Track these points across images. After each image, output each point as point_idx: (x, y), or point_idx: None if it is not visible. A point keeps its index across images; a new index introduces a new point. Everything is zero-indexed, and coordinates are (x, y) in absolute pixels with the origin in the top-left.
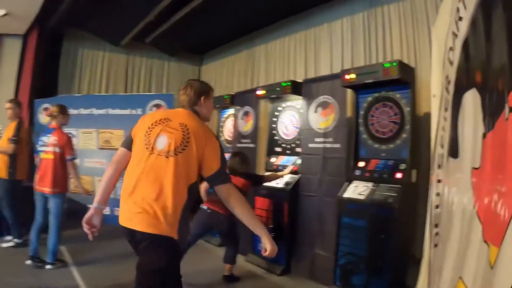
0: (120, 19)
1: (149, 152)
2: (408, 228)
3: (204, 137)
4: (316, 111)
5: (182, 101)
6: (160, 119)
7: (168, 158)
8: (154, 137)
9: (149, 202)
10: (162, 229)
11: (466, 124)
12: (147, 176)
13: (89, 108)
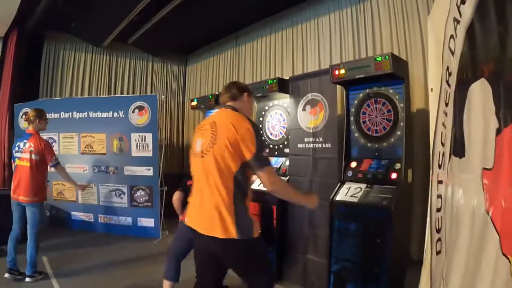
0: (101, 19)
1: (193, 155)
2: (405, 230)
3: (234, 125)
4: (305, 110)
5: (224, 98)
6: (199, 127)
7: (203, 157)
8: (194, 142)
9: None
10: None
11: (474, 119)
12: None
13: (69, 112)
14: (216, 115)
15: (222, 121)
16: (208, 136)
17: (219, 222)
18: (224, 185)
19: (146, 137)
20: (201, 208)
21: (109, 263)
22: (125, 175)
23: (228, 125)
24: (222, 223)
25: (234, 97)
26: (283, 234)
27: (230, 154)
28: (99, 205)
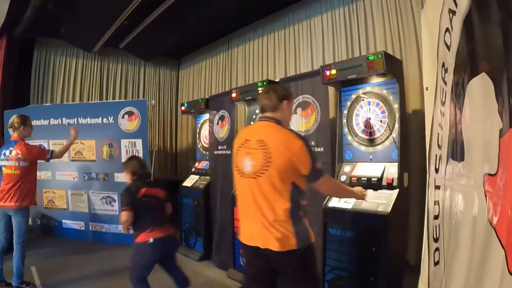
0: (90, 24)
1: (240, 175)
2: (401, 236)
3: (286, 145)
4: (296, 112)
5: (264, 106)
6: (242, 142)
7: (256, 178)
8: (240, 161)
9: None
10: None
11: (474, 119)
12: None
13: (59, 118)
14: (261, 131)
15: (272, 140)
16: (260, 157)
17: (279, 236)
18: (280, 203)
19: (136, 143)
20: (257, 225)
21: (98, 273)
22: (116, 182)
23: (280, 146)
24: (282, 237)
25: (274, 107)
26: None
27: (287, 174)
28: (90, 213)
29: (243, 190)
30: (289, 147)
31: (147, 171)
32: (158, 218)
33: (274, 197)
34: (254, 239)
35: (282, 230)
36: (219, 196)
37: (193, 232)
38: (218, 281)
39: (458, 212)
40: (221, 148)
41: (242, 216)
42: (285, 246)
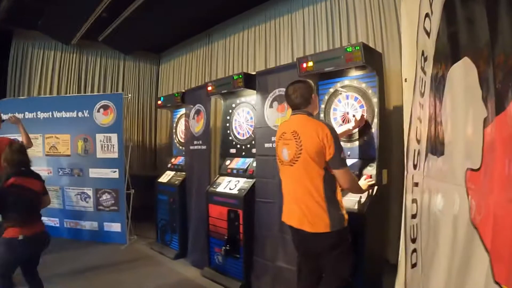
0: (68, 15)
1: (281, 164)
2: (380, 234)
3: (315, 133)
4: (272, 106)
5: (295, 104)
6: (280, 135)
7: (293, 166)
8: (280, 152)
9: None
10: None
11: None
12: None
13: (34, 112)
14: (295, 123)
15: (303, 130)
16: (293, 146)
17: (312, 218)
18: (315, 187)
19: (112, 137)
20: (294, 207)
21: (70, 272)
22: (91, 178)
23: (311, 133)
24: (314, 219)
25: (306, 102)
26: (250, 240)
27: (316, 160)
28: (64, 209)
29: (284, 176)
30: (318, 133)
31: (23, 159)
32: (28, 213)
33: (309, 182)
34: (291, 219)
35: (316, 213)
36: (194, 192)
37: (169, 229)
38: (193, 280)
39: (437, 211)
40: (197, 143)
41: (284, 199)
42: (318, 228)
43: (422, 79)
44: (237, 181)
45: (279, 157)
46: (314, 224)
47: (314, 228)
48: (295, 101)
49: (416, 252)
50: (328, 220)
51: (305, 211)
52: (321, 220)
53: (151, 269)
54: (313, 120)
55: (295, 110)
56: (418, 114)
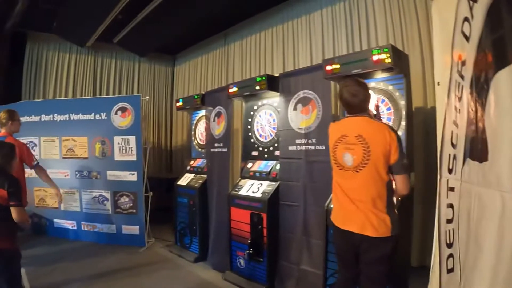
0: (83, 18)
1: (340, 169)
2: (406, 238)
3: (382, 136)
4: (296, 109)
5: (356, 108)
6: (339, 138)
7: (358, 172)
8: (340, 156)
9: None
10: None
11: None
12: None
13: (50, 114)
14: (358, 126)
15: (369, 133)
16: (360, 151)
17: (376, 222)
18: (379, 192)
19: (130, 140)
20: (360, 213)
21: (89, 276)
22: (108, 181)
23: (378, 138)
24: (379, 223)
25: (365, 103)
26: (274, 243)
27: (383, 165)
28: (82, 212)
29: (343, 181)
30: (386, 137)
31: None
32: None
33: (374, 187)
34: (349, 224)
35: (381, 217)
36: (215, 195)
37: (188, 232)
38: (214, 283)
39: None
40: (218, 145)
41: (340, 203)
42: (382, 232)
43: (459, 84)
44: (260, 184)
45: (338, 161)
46: (379, 229)
47: (379, 233)
48: (356, 106)
49: (453, 257)
50: (390, 224)
51: (369, 215)
52: (385, 224)
53: (171, 272)
54: (377, 123)
55: (354, 113)
56: (453, 118)
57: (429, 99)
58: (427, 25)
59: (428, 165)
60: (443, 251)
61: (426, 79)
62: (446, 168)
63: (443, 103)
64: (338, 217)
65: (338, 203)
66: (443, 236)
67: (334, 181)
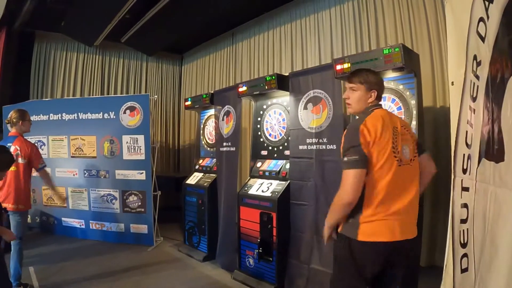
0: (91, 17)
1: (399, 164)
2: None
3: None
4: (306, 108)
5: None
6: (393, 130)
7: (411, 165)
8: (401, 149)
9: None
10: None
11: None
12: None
13: (59, 113)
14: (394, 118)
15: (400, 124)
16: (411, 143)
17: (416, 223)
18: (417, 187)
19: (138, 139)
20: (411, 215)
21: (98, 274)
22: (117, 180)
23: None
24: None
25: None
26: (284, 242)
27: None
28: (90, 211)
29: (397, 177)
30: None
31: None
32: None
33: (417, 181)
34: (406, 231)
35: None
36: (224, 194)
37: (197, 231)
38: (222, 282)
39: (496, 218)
40: (226, 144)
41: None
42: (416, 231)
43: (474, 84)
44: (270, 184)
45: (399, 155)
46: (415, 228)
47: (416, 232)
48: (383, 89)
49: (467, 257)
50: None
51: (414, 215)
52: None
53: (180, 271)
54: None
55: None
56: (468, 118)
57: (438, 99)
58: (436, 23)
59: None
60: (457, 251)
61: (435, 78)
62: (460, 168)
63: (457, 103)
64: (388, 230)
65: (383, 208)
66: (457, 236)
67: (383, 185)
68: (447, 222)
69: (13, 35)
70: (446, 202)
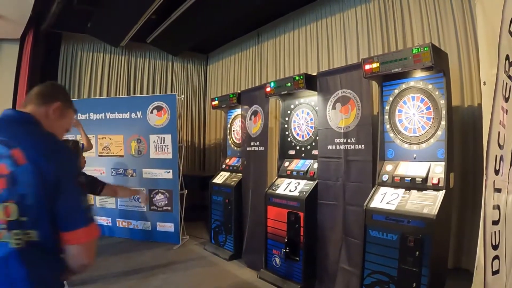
0: (117, 18)
1: None
2: (445, 240)
3: None
4: (335, 108)
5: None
6: None
7: None
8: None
9: None
10: None
11: None
12: None
13: (86, 113)
14: None
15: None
16: None
17: None
18: None
19: (165, 138)
20: None
21: (125, 272)
22: (144, 178)
23: None
24: None
25: None
26: (311, 242)
27: None
28: (117, 209)
29: None
30: None
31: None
32: None
33: None
34: None
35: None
36: (251, 193)
37: (223, 230)
38: (249, 281)
39: None
40: (254, 144)
41: None
42: None
43: (507, 84)
44: (297, 183)
45: None
46: None
47: None
48: None
49: (498, 259)
50: None
51: None
52: None
53: (207, 270)
54: None
55: None
56: (500, 118)
57: (466, 98)
58: (464, 22)
59: (465, 165)
60: (488, 252)
61: (463, 78)
62: (492, 169)
63: (490, 103)
64: None
65: None
66: (489, 237)
67: None
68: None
69: (40, 36)
70: (473, 203)
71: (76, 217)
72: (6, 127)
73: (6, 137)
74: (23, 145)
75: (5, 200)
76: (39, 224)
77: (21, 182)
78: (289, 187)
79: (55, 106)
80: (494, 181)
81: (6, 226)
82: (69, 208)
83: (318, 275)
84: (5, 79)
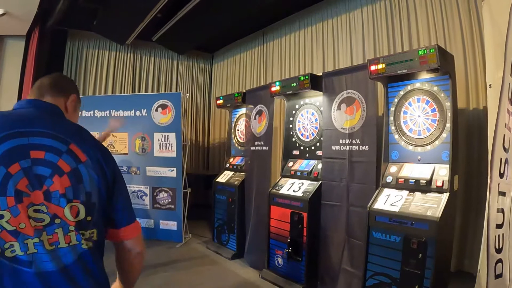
0: (123, 16)
1: None
2: (448, 242)
3: None
4: (340, 108)
5: None
6: None
7: None
8: None
9: None
10: None
11: None
12: None
13: (91, 110)
14: None
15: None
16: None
17: None
18: None
19: (170, 136)
20: None
21: None
22: (148, 176)
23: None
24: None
25: None
26: (314, 242)
27: None
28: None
29: None
30: None
31: None
32: None
33: None
34: None
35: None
36: (254, 193)
37: (226, 229)
38: (251, 280)
39: None
40: (258, 143)
41: None
42: None
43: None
44: (301, 183)
45: None
46: None
47: None
48: None
49: (502, 262)
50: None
51: None
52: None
53: (209, 269)
54: None
55: None
56: (506, 121)
57: (471, 101)
58: (470, 24)
59: (470, 168)
60: (491, 256)
61: (469, 80)
62: (497, 172)
63: (495, 106)
64: None
65: None
66: (492, 241)
67: None
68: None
69: (46, 33)
70: (477, 206)
71: (131, 212)
72: (49, 119)
73: (53, 130)
74: (75, 140)
75: (71, 200)
76: (98, 222)
77: (86, 179)
78: (293, 187)
79: (72, 99)
80: (498, 184)
81: (74, 227)
82: (125, 205)
83: (320, 275)
84: (11, 75)
